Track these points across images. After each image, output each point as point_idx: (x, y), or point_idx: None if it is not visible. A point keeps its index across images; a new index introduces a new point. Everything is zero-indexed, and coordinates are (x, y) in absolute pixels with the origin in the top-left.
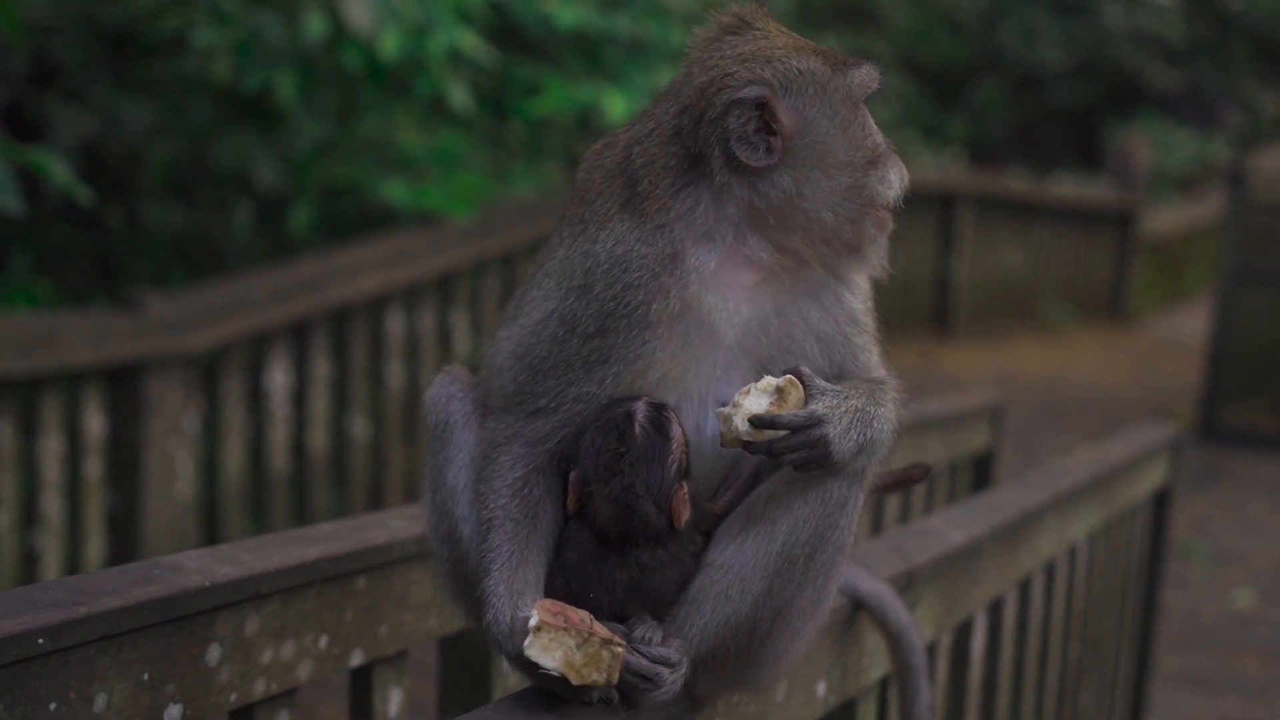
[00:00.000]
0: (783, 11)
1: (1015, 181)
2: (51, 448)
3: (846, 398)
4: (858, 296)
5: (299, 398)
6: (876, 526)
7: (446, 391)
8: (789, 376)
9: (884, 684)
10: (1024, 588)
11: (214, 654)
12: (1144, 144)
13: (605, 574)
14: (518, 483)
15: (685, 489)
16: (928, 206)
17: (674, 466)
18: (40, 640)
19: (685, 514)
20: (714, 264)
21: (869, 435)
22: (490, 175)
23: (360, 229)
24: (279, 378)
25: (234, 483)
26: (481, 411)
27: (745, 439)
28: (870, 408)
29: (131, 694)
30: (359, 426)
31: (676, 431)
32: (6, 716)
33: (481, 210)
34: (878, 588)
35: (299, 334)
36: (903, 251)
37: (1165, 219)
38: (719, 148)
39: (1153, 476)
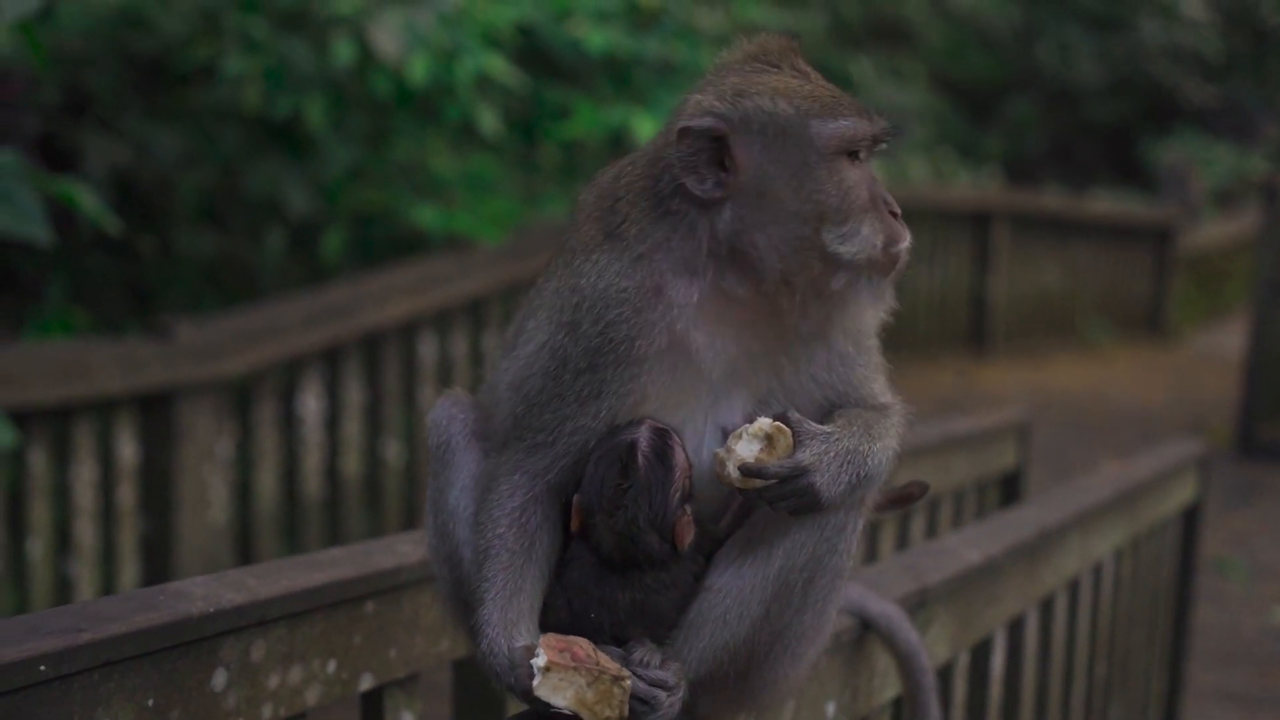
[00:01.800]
0: (817, 31)
1: (1051, 198)
2: (85, 475)
3: (837, 440)
4: (858, 326)
5: (332, 423)
6: (902, 547)
7: (448, 413)
8: (777, 424)
9: (897, 704)
10: (1046, 606)
11: (220, 679)
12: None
13: (607, 595)
14: (515, 511)
15: (689, 513)
16: (963, 224)
17: (677, 494)
18: (42, 667)
19: (689, 537)
20: (696, 297)
21: (862, 473)
22: (522, 199)
23: (392, 254)
24: (311, 403)
25: (267, 508)
26: (482, 434)
27: (737, 485)
28: (864, 445)
29: None
30: (392, 451)
31: (680, 458)
32: None
33: (512, 234)
34: (887, 609)
35: (331, 359)
36: (938, 270)
37: (1204, 234)
38: (670, 175)
39: (1181, 493)
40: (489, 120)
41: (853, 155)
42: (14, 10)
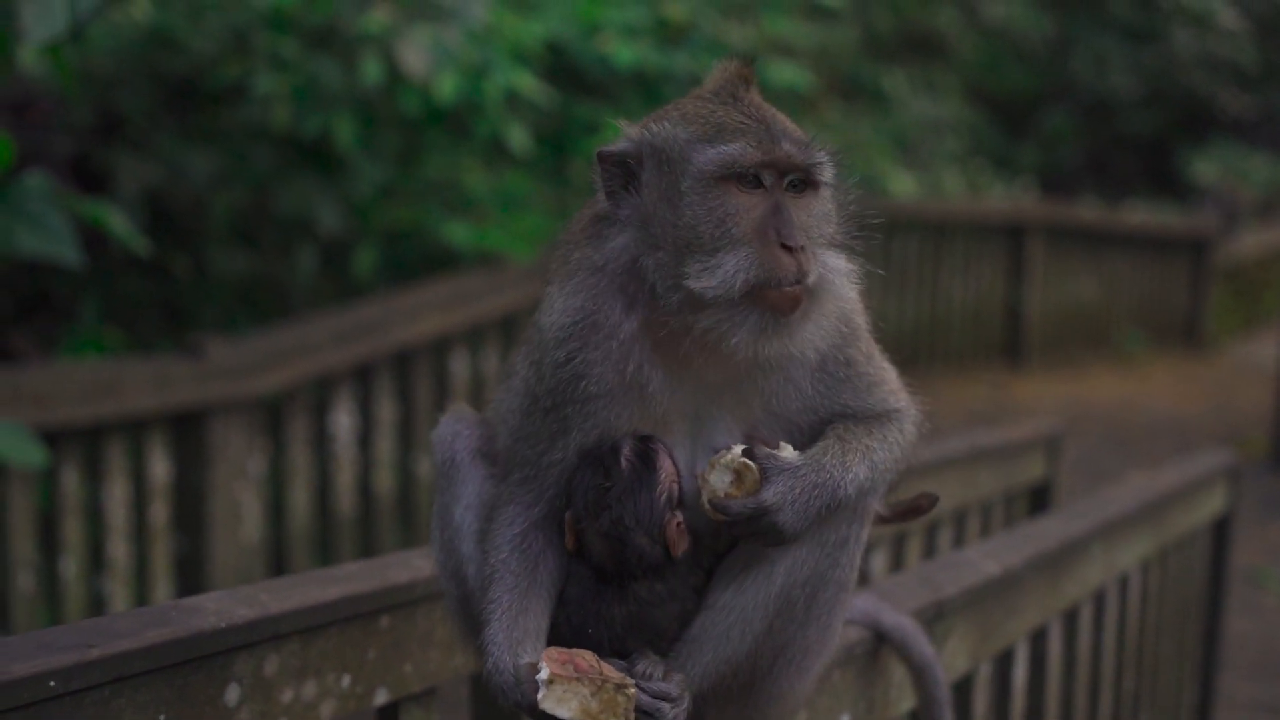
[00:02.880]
0: (850, 44)
1: (1086, 210)
2: (117, 494)
3: (804, 475)
4: (846, 337)
5: (364, 440)
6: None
7: (452, 430)
8: (744, 460)
9: (914, 717)
10: (1070, 617)
11: (233, 694)
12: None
13: (604, 609)
14: (516, 538)
15: (680, 518)
16: (997, 237)
17: (663, 497)
18: (52, 683)
19: (683, 544)
20: (636, 325)
21: (834, 502)
22: (553, 215)
23: (424, 271)
24: (344, 420)
25: (301, 525)
26: (487, 451)
27: (709, 515)
28: (836, 473)
29: None
30: (424, 467)
31: (665, 463)
32: None
33: (543, 250)
34: (901, 621)
35: (363, 376)
36: (972, 282)
37: (1241, 244)
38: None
39: (1211, 503)
40: (519, 136)
41: (746, 182)
42: (41, 32)
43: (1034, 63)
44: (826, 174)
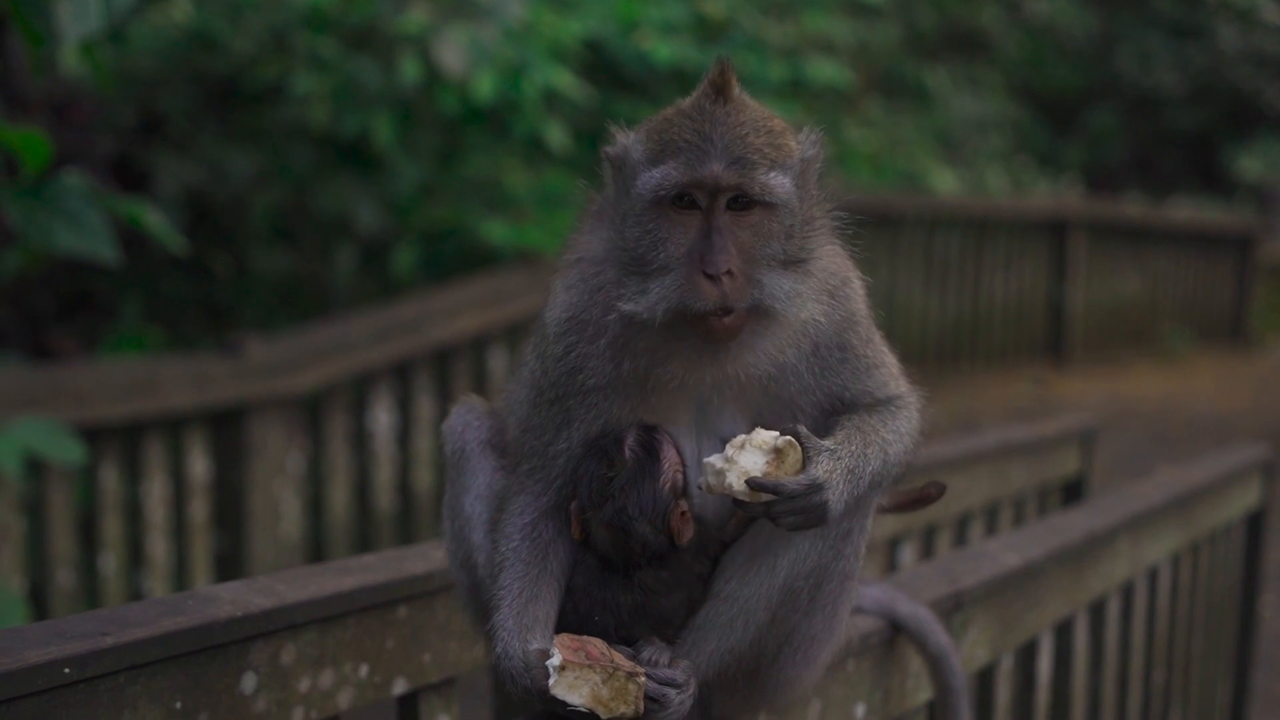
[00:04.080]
0: (892, 42)
1: (1130, 207)
2: (156, 491)
3: (840, 458)
4: (841, 324)
5: (403, 437)
6: None
7: (463, 420)
8: (787, 438)
9: (932, 708)
10: (1097, 610)
11: (249, 682)
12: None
13: (609, 597)
14: (527, 527)
15: (685, 507)
16: (1040, 234)
17: (667, 486)
18: (66, 670)
19: (688, 532)
20: (622, 323)
21: (863, 487)
22: None
23: (463, 270)
24: (382, 418)
25: (340, 522)
26: (497, 443)
27: (740, 498)
28: (863, 459)
29: None
30: None
31: (669, 452)
32: None
33: None
34: (917, 610)
35: (401, 374)
36: (1014, 280)
37: None
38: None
39: (1244, 498)
40: (557, 135)
41: (681, 203)
42: (77, 31)
43: (1078, 59)
44: (773, 191)
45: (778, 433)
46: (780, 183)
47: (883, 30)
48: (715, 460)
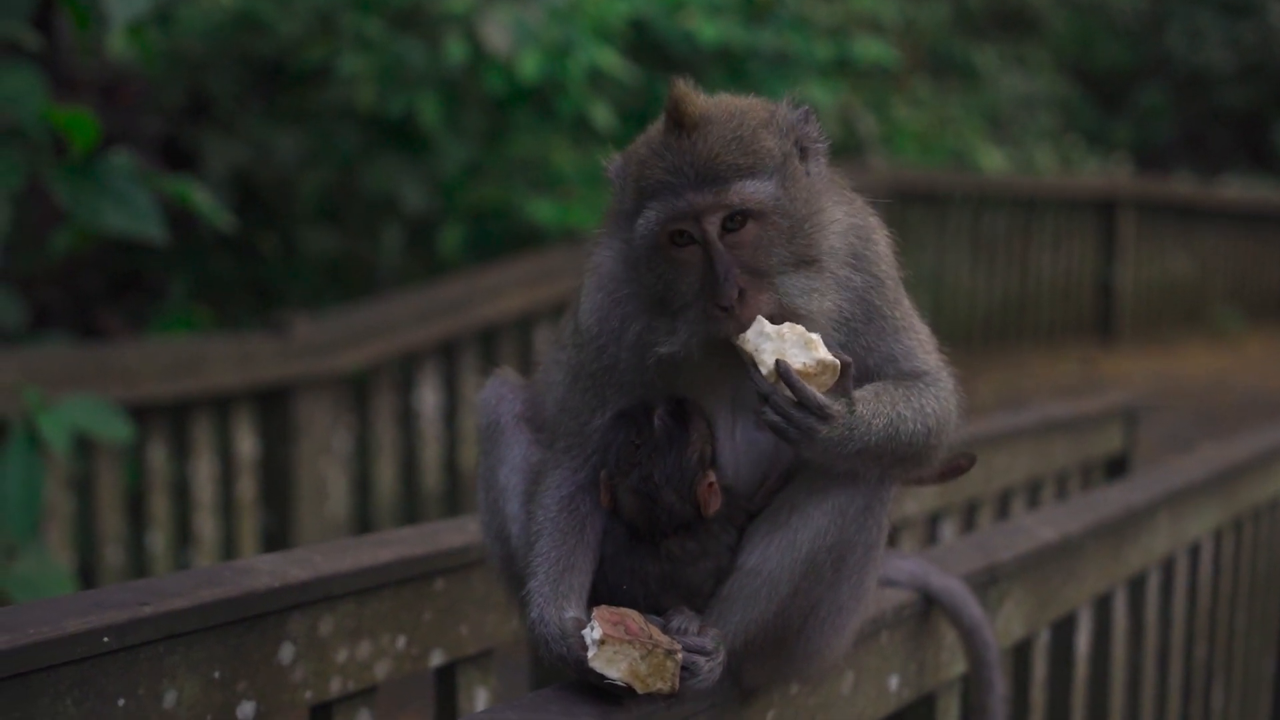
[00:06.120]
0: (940, 20)
1: (1179, 185)
2: (203, 469)
3: (857, 414)
4: (864, 286)
5: (449, 416)
6: None
7: (497, 393)
8: (836, 362)
9: (967, 680)
10: (1136, 585)
11: (287, 653)
12: None
13: (637, 566)
14: (565, 499)
15: (713, 479)
16: (1088, 212)
17: (695, 456)
18: (106, 639)
19: (715, 503)
20: (640, 326)
21: (848, 449)
22: None
23: (509, 249)
24: (429, 397)
25: (386, 501)
26: (530, 416)
27: (754, 366)
28: (865, 429)
29: (202, 691)
30: None
31: (699, 423)
32: (76, 712)
33: None
34: (950, 583)
35: (448, 353)
36: (1062, 258)
37: None
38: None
39: None
40: (602, 114)
41: (677, 238)
42: (125, 12)
43: (1128, 37)
44: (754, 199)
45: (831, 355)
46: (758, 188)
47: (930, 8)
48: (769, 327)
